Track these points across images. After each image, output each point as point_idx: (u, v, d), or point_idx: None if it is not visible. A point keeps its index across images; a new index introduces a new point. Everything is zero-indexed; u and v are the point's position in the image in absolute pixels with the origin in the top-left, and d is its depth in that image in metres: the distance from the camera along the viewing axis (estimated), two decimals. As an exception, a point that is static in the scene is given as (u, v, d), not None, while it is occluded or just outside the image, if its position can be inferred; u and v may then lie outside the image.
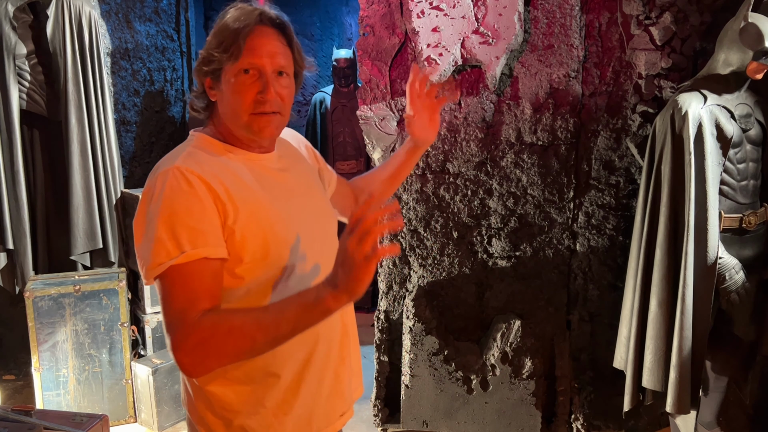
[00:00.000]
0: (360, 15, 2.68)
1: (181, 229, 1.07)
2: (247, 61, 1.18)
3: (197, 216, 1.09)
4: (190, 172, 1.11)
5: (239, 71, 1.18)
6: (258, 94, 1.18)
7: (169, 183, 1.10)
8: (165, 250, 1.07)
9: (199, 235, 1.08)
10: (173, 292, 1.07)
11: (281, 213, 1.20)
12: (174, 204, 1.09)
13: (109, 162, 3.35)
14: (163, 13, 4.35)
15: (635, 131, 2.62)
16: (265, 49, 1.19)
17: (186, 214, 1.08)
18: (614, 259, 2.74)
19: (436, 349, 2.76)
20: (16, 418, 2.08)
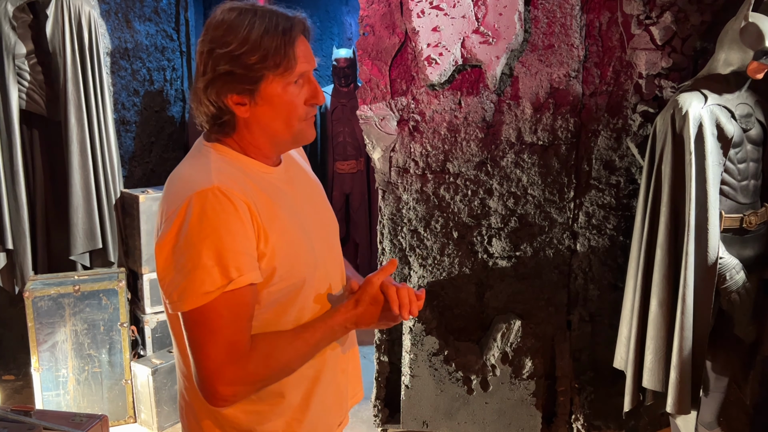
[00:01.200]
0: (360, 15, 2.68)
1: (228, 255, 1.02)
2: (299, 71, 1.13)
3: (241, 240, 1.04)
4: (231, 192, 1.05)
5: (290, 82, 1.12)
6: (312, 99, 1.16)
7: (211, 205, 1.03)
8: (210, 278, 1.01)
9: (245, 260, 1.04)
10: (220, 322, 1.03)
11: (298, 228, 1.18)
12: (219, 228, 1.02)
13: (109, 162, 3.34)
14: (162, 13, 4.35)
15: (636, 131, 2.62)
16: (310, 55, 1.16)
17: (231, 239, 1.03)
18: (614, 259, 2.74)
19: (436, 350, 2.76)
20: (16, 418, 2.07)
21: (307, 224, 1.21)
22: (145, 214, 3.20)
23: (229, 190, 1.05)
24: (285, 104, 1.13)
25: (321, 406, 1.26)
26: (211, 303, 1.02)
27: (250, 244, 1.06)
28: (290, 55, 1.10)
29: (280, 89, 1.11)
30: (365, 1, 2.65)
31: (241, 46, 1.07)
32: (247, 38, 1.07)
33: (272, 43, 1.08)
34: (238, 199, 1.05)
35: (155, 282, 3.25)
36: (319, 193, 1.35)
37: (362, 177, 4.53)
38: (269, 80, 1.10)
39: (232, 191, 1.05)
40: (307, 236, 1.19)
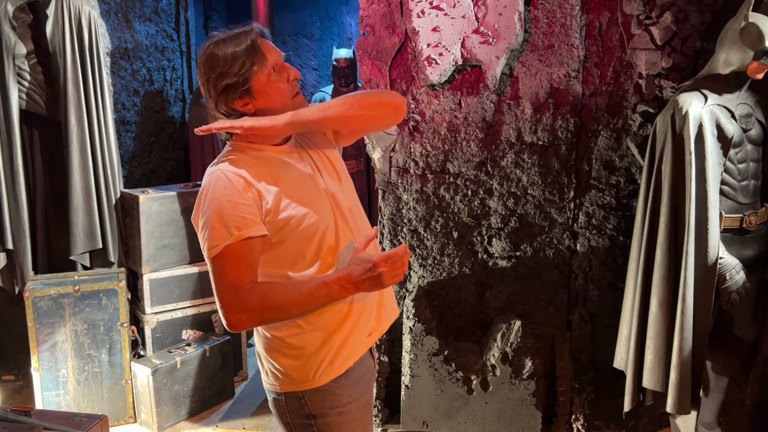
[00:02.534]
0: (360, 15, 2.68)
1: (228, 217, 1.37)
2: (272, 60, 1.46)
3: (239, 205, 1.38)
4: (229, 171, 1.41)
5: (269, 72, 1.46)
6: (292, 78, 1.48)
7: (215, 182, 1.41)
8: (218, 234, 1.36)
9: (242, 220, 1.37)
10: (225, 267, 1.37)
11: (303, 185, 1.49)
12: (220, 198, 1.38)
13: (109, 162, 3.34)
14: (162, 13, 4.35)
15: (636, 131, 2.62)
16: (273, 48, 1.49)
17: (231, 205, 1.37)
18: (614, 259, 2.74)
19: (436, 350, 2.76)
20: (16, 418, 2.07)
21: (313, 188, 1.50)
22: (145, 214, 3.20)
23: (228, 170, 1.42)
24: (274, 89, 1.47)
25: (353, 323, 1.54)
26: (219, 253, 1.37)
27: (248, 208, 1.38)
28: (259, 53, 1.44)
29: (264, 79, 1.45)
30: (365, 1, 2.65)
31: (225, 65, 1.43)
32: (227, 57, 1.43)
33: (244, 51, 1.44)
34: (234, 175, 1.41)
35: (155, 282, 3.25)
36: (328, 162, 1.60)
37: (362, 177, 4.53)
38: (255, 77, 1.45)
39: (230, 170, 1.41)
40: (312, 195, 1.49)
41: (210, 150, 4.38)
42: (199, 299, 3.37)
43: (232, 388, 3.35)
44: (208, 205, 1.39)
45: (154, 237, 3.24)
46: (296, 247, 1.46)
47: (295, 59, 6.00)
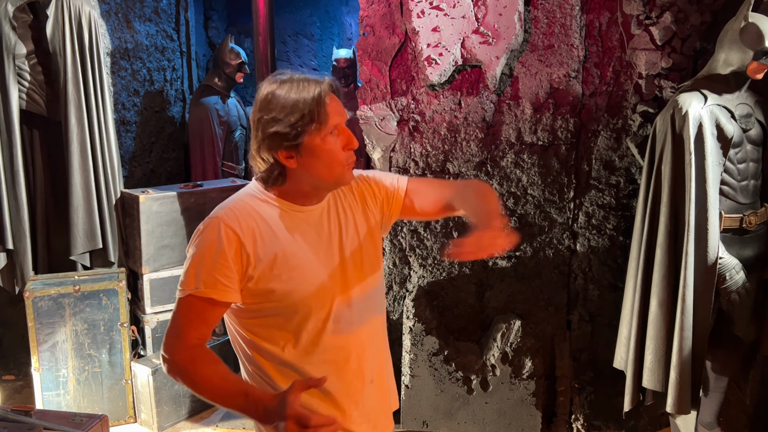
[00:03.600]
0: (360, 15, 2.68)
1: (202, 271, 1.32)
2: (333, 123, 1.34)
3: (217, 265, 1.32)
4: (226, 225, 1.33)
5: (326, 134, 1.33)
6: (350, 147, 1.37)
7: (207, 231, 1.35)
8: (188, 281, 1.33)
9: (213, 280, 1.32)
10: (181, 313, 1.35)
11: (299, 261, 1.37)
12: (204, 250, 1.33)
13: (109, 162, 3.34)
14: (162, 13, 4.35)
15: (635, 131, 2.62)
16: (340, 109, 1.37)
17: (209, 261, 1.32)
18: (614, 259, 2.74)
19: (436, 350, 2.76)
20: (16, 418, 2.07)
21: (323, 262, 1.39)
22: (145, 215, 3.20)
23: (226, 224, 1.33)
24: (326, 153, 1.34)
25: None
26: (181, 298, 1.34)
27: (226, 270, 1.32)
28: (322, 111, 1.32)
29: (319, 140, 1.33)
30: (365, 1, 2.65)
31: (282, 111, 1.31)
32: (286, 103, 1.31)
33: (307, 104, 1.31)
34: (229, 232, 1.33)
35: (155, 282, 3.25)
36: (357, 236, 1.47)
37: (362, 177, 4.52)
38: (309, 135, 1.32)
39: (228, 225, 1.33)
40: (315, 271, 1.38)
41: (210, 150, 4.38)
42: (199, 299, 3.37)
43: (232, 388, 3.35)
44: (194, 248, 1.35)
45: (154, 237, 3.24)
46: (274, 320, 1.37)
47: (295, 59, 6.00)
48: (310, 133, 1.32)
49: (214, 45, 5.49)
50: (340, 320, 1.40)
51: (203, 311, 1.34)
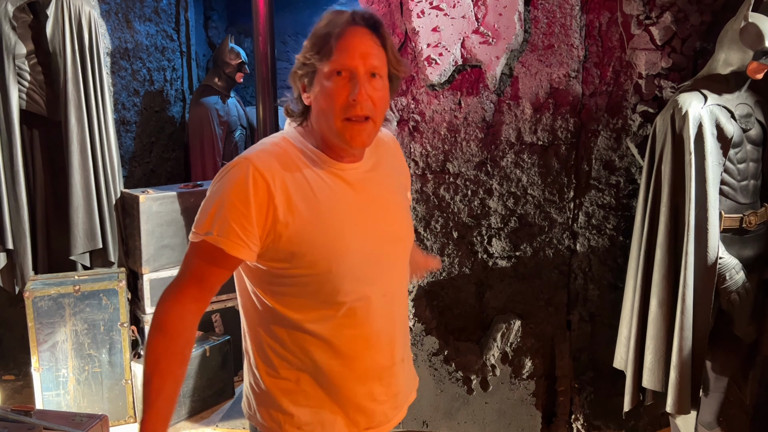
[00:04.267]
0: (360, 15, 2.68)
1: (220, 217, 1.16)
2: (339, 62, 1.15)
3: (236, 214, 1.15)
4: (256, 170, 1.16)
5: (332, 73, 1.16)
6: (349, 96, 1.15)
7: (234, 172, 1.17)
8: (202, 224, 1.18)
9: (229, 229, 1.15)
10: (189, 257, 1.21)
11: (336, 227, 1.22)
12: (226, 193, 1.16)
13: (109, 162, 3.34)
14: (162, 13, 4.35)
15: (635, 131, 2.62)
16: (357, 49, 1.16)
17: (229, 207, 1.16)
18: (614, 259, 2.74)
19: (436, 349, 2.76)
20: (16, 418, 2.07)
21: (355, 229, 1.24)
22: (146, 214, 3.20)
23: (256, 167, 1.16)
24: (324, 95, 1.18)
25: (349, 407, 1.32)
26: (192, 243, 1.20)
27: (245, 222, 1.15)
28: (331, 45, 1.15)
29: (324, 79, 1.17)
30: (365, 1, 2.65)
31: (307, 39, 1.19)
32: (311, 34, 1.19)
33: (320, 34, 1.17)
34: (258, 177, 1.16)
35: (155, 282, 3.25)
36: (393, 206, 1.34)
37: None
38: (319, 71, 1.17)
39: (258, 168, 1.16)
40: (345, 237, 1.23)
41: (210, 150, 4.38)
42: (199, 299, 3.37)
43: (232, 388, 3.35)
44: (216, 188, 1.20)
45: (154, 237, 3.24)
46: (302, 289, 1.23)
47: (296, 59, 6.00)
48: (320, 69, 1.17)
49: (214, 45, 5.49)
50: (374, 295, 1.27)
51: (211, 263, 1.18)
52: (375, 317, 1.28)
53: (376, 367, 1.32)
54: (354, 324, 1.26)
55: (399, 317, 1.35)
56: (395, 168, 1.40)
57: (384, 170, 1.34)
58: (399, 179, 1.41)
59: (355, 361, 1.28)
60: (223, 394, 3.30)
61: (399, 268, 1.35)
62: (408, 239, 1.38)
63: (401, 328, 1.38)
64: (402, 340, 1.38)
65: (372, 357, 1.30)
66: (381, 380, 1.33)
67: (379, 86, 1.19)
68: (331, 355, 1.26)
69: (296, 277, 1.21)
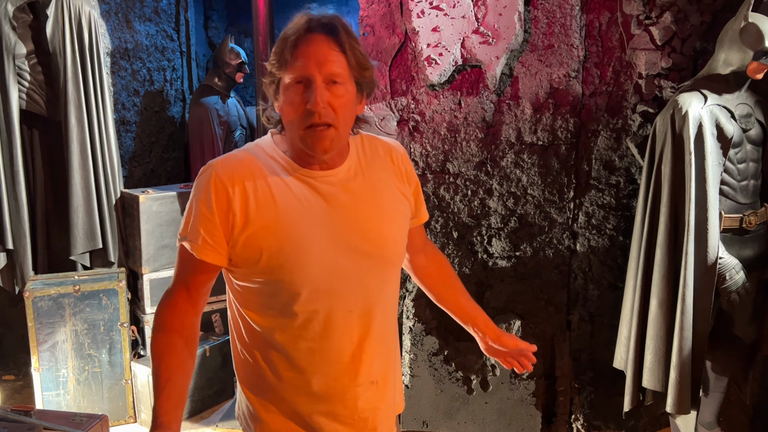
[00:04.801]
0: (360, 15, 2.68)
1: (191, 222, 1.22)
2: (296, 71, 1.15)
3: (203, 219, 1.21)
4: (217, 176, 1.21)
5: (291, 82, 1.16)
6: (307, 106, 1.15)
7: (200, 180, 1.23)
8: (182, 230, 1.25)
9: (197, 234, 1.21)
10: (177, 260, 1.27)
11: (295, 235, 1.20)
12: (195, 200, 1.23)
13: (109, 162, 3.34)
14: (162, 13, 4.35)
15: (635, 131, 2.62)
16: (313, 57, 1.15)
17: (197, 214, 1.22)
18: (614, 259, 2.74)
19: (436, 349, 2.76)
20: (16, 418, 2.07)
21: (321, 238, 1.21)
22: (145, 214, 3.20)
23: (218, 176, 1.21)
24: (286, 105, 1.19)
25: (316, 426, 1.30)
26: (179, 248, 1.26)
27: (210, 227, 1.20)
28: (286, 55, 1.16)
29: (284, 88, 1.18)
30: (365, 1, 2.65)
31: (273, 48, 1.19)
32: (277, 41, 1.19)
33: (280, 42, 1.18)
34: (219, 185, 1.20)
35: (155, 282, 3.25)
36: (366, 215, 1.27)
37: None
38: (281, 80, 1.19)
39: (220, 177, 1.20)
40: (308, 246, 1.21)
41: (210, 150, 4.38)
42: (199, 299, 3.37)
43: (232, 388, 3.35)
44: (191, 196, 1.24)
45: (154, 237, 3.24)
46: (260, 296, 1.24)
47: (295, 59, 6.00)
48: (281, 78, 1.18)
49: (214, 45, 5.49)
50: (337, 310, 1.23)
51: (191, 265, 1.24)
52: (335, 333, 1.23)
53: (337, 386, 1.27)
54: (310, 337, 1.23)
55: (375, 337, 1.28)
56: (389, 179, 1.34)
57: (369, 180, 1.29)
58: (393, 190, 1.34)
59: (313, 376, 1.25)
60: (223, 394, 3.30)
61: (375, 284, 1.28)
62: (389, 254, 1.31)
63: (378, 348, 1.30)
64: (377, 361, 1.30)
65: (330, 374, 1.26)
66: (344, 401, 1.28)
67: (340, 92, 1.17)
68: (288, 366, 1.25)
69: (256, 283, 1.23)
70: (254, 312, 1.26)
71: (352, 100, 1.22)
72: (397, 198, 1.33)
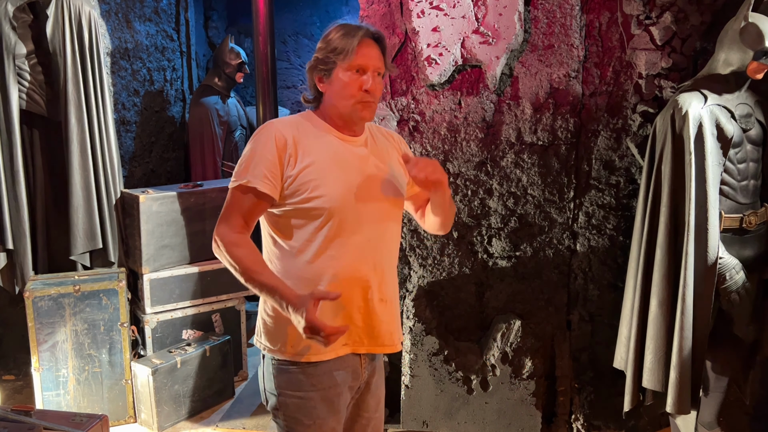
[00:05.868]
0: (360, 15, 2.68)
1: (251, 165, 1.58)
2: (357, 62, 1.60)
3: (266, 160, 1.58)
4: (276, 129, 1.61)
5: (352, 69, 1.60)
6: (364, 88, 1.60)
7: (263, 132, 1.62)
8: (240, 173, 1.59)
9: (260, 173, 1.57)
10: (230, 201, 1.60)
11: (338, 177, 1.60)
12: (256, 147, 1.60)
13: (109, 162, 3.34)
14: (162, 13, 4.35)
15: (635, 131, 2.62)
16: (370, 55, 1.62)
17: (259, 157, 1.58)
18: (614, 259, 2.74)
19: (436, 349, 2.76)
20: (16, 418, 2.08)
21: (352, 182, 1.61)
22: (145, 214, 3.20)
23: (276, 128, 1.61)
24: (344, 85, 1.61)
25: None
26: (232, 188, 1.60)
27: (271, 166, 1.57)
28: (350, 50, 1.59)
29: (341, 74, 1.61)
30: (365, 1, 2.65)
31: (325, 45, 1.64)
32: (330, 40, 1.63)
33: (341, 41, 1.61)
34: (278, 133, 1.60)
35: (155, 282, 3.25)
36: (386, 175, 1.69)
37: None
38: (338, 68, 1.61)
39: (278, 129, 1.61)
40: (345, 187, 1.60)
41: (210, 150, 4.38)
42: (200, 299, 3.37)
43: (232, 388, 3.35)
44: (250, 146, 1.60)
45: (154, 237, 3.24)
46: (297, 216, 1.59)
47: (295, 59, 6.00)
48: (339, 65, 1.60)
49: (214, 45, 5.49)
50: (358, 235, 1.61)
51: (249, 201, 1.57)
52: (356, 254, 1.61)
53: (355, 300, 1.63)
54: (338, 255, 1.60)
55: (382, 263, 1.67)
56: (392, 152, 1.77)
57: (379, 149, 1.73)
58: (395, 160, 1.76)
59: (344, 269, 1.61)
60: (223, 394, 3.30)
61: (387, 223, 1.68)
62: (394, 202, 1.70)
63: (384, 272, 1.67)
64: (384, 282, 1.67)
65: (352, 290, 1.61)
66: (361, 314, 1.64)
67: (379, 81, 1.66)
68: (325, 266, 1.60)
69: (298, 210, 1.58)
70: (288, 237, 1.61)
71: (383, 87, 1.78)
72: (397, 166, 1.76)
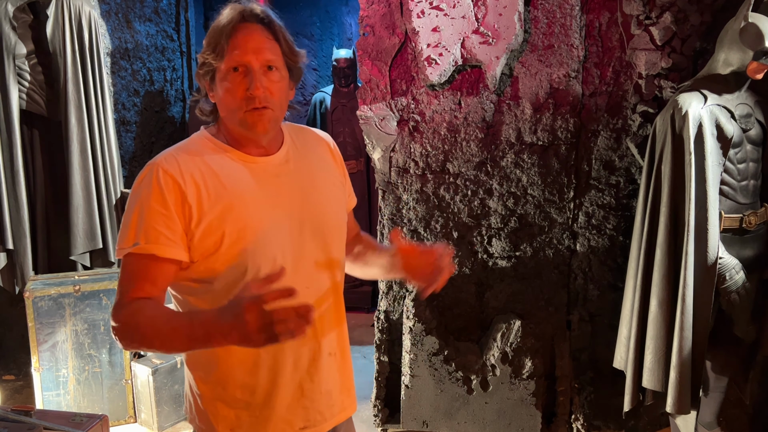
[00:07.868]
0: (360, 15, 2.68)
1: (142, 225, 1.18)
2: (233, 59, 1.20)
3: (157, 217, 1.18)
4: (165, 172, 1.20)
5: (228, 70, 1.21)
6: (246, 90, 1.20)
7: (146, 179, 1.21)
8: (127, 237, 1.19)
9: (154, 233, 1.18)
10: (123, 274, 1.21)
11: (255, 217, 1.23)
12: (142, 200, 1.19)
13: (109, 162, 3.34)
14: (163, 13, 4.35)
15: (635, 131, 2.62)
16: (249, 45, 1.21)
17: (148, 213, 1.18)
18: (614, 259, 2.74)
19: (436, 349, 2.76)
20: (16, 418, 2.08)
21: (276, 218, 1.26)
22: (145, 214, 3.20)
23: (165, 170, 1.20)
24: (224, 92, 1.23)
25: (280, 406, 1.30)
26: (123, 257, 1.21)
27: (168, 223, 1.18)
28: (223, 44, 1.21)
29: (221, 77, 1.22)
30: (365, 2, 2.65)
31: (205, 39, 1.24)
32: (208, 32, 1.24)
33: (212, 34, 1.23)
34: (169, 179, 1.19)
35: (155, 282, 3.25)
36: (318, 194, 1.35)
37: (362, 177, 4.53)
38: (218, 70, 1.23)
39: (167, 171, 1.20)
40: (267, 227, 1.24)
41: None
42: (199, 299, 3.37)
43: (232, 388, 3.35)
44: (133, 200, 1.21)
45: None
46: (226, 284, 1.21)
47: (295, 59, 6.00)
48: (216, 66, 1.22)
49: (214, 45, 5.48)
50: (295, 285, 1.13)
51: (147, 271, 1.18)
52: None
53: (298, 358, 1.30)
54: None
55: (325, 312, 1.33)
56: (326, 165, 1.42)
57: (306, 164, 1.35)
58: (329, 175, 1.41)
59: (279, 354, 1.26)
60: (223, 394, 3.30)
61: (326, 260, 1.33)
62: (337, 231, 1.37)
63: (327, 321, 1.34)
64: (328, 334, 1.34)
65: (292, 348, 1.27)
66: (309, 375, 1.31)
67: (275, 78, 1.24)
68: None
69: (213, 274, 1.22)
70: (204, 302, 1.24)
71: (287, 85, 1.28)
72: (332, 182, 1.40)
